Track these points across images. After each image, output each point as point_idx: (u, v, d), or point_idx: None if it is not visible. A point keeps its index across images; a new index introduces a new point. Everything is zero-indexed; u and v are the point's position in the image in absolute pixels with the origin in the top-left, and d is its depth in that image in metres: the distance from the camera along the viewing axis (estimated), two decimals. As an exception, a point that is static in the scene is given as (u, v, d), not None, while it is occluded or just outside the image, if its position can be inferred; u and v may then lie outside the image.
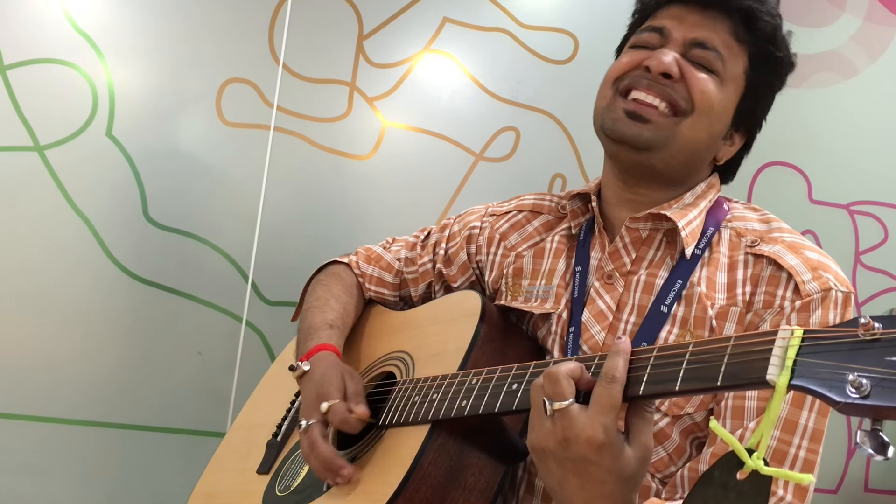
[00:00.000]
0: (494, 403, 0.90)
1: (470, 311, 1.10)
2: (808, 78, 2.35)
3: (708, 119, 1.05)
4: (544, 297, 1.14)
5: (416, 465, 0.94)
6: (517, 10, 2.24)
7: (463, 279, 1.30)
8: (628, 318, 1.05)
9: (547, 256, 1.17)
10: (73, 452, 1.94)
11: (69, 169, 1.95)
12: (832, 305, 0.95)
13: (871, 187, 2.37)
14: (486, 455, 0.99)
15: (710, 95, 1.04)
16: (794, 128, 2.33)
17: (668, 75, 1.04)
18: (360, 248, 1.44)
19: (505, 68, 2.22)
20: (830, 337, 0.61)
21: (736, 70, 1.07)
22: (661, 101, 1.04)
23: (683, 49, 1.06)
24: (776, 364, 0.63)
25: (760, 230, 1.05)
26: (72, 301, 1.95)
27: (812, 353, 0.61)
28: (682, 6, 1.08)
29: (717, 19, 1.06)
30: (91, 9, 1.98)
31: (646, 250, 1.08)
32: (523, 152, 2.22)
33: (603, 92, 1.11)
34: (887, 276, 2.38)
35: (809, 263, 0.98)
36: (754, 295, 0.99)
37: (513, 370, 0.91)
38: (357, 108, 2.14)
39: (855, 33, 2.36)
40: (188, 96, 2.03)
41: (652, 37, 1.09)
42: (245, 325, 2.05)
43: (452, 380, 0.98)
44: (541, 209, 1.25)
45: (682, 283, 1.02)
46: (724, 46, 1.05)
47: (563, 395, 0.75)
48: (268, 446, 1.25)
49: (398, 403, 1.05)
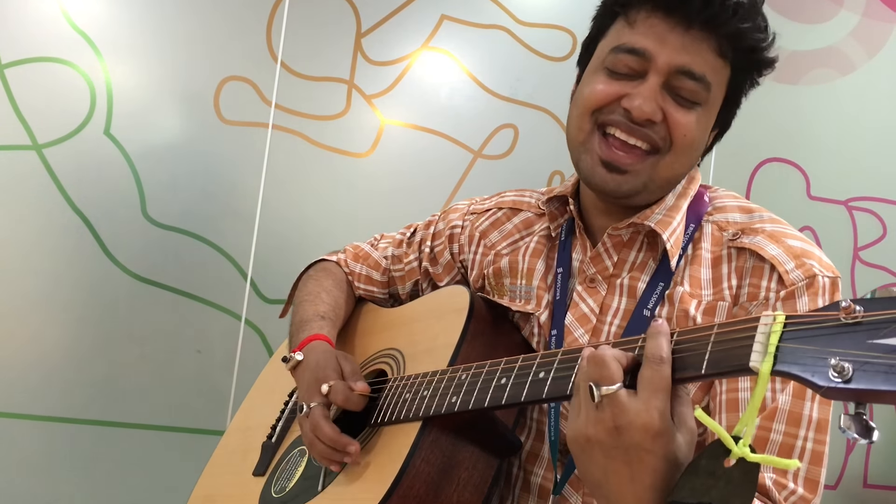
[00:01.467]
0: (484, 399, 0.89)
1: (458, 306, 1.09)
2: (806, 74, 2.35)
3: (686, 155, 1.00)
4: (527, 298, 1.13)
5: (409, 462, 0.94)
6: (515, 7, 2.24)
7: (448, 278, 1.29)
8: (612, 321, 1.04)
9: (525, 255, 1.16)
10: (72, 451, 1.94)
11: (67, 167, 1.95)
12: (820, 292, 0.93)
13: (870, 183, 2.37)
14: (478, 450, 0.99)
15: (691, 135, 0.99)
16: (792, 124, 2.33)
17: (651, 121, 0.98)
18: (348, 245, 1.43)
19: (503, 65, 2.22)
20: (812, 322, 0.60)
21: (721, 86, 1.00)
22: (642, 143, 0.99)
23: (667, 77, 0.97)
24: (759, 350, 0.63)
25: (742, 221, 1.03)
26: (70, 299, 1.95)
27: (794, 339, 0.61)
28: (664, 18, 0.97)
29: (702, 38, 0.97)
30: (89, 7, 1.98)
31: (627, 252, 1.06)
32: (522, 149, 2.22)
33: (579, 122, 1.03)
34: (886, 272, 2.38)
35: (792, 251, 0.96)
36: (740, 288, 0.97)
37: (501, 364, 0.91)
38: (355, 105, 2.14)
39: (853, 29, 2.36)
40: (186, 94, 2.03)
41: (632, 61, 0.99)
42: (244, 324, 2.05)
43: (442, 376, 0.98)
44: (520, 206, 1.24)
45: (665, 285, 1.01)
46: (711, 71, 0.98)
47: (611, 378, 0.70)
48: (263, 448, 1.25)
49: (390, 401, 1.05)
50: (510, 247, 1.20)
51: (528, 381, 0.86)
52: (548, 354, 0.87)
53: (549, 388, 0.83)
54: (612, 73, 1.01)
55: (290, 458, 1.18)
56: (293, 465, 1.16)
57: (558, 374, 0.83)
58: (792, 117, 2.33)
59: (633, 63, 0.99)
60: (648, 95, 0.97)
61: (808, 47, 2.35)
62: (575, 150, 1.05)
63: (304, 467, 1.13)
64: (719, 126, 1.07)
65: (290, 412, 1.27)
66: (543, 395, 0.84)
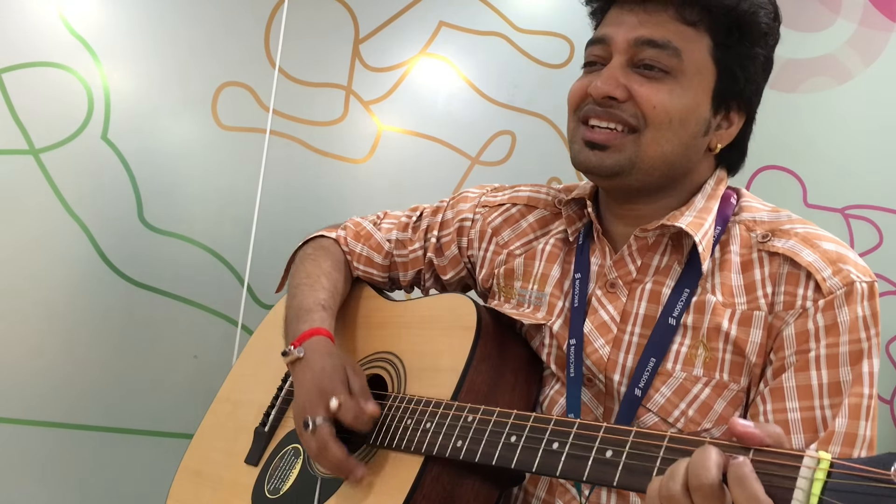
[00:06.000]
0: (492, 454, 0.88)
1: (465, 323, 1.05)
2: (803, 83, 2.35)
3: (669, 129, 0.98)
4: (537, 305, 1.10)
5: (411, 499, 0.93)
6: (513, 14, 2.24)
7: (453, 272, 1.26)
8: (633, 329, 1.00)
9: (540, 259, 1.13)
10: (69, 456, 1.94)
11: (64, 172, 1.95)
12: (858, 299, 0.90)
13: (866, 191, 2.37)
14: (479, 482, 0.98)
15: (663, 106, 0.97)
16: (789, 132, 2.34)
17: (613, 97, 0.98)
18: (349, 221, 1.37)
19: (501, 72, 2.23)
20: (859, 476, 0.56)
21: (699, 56, 0.98)
22: (616, 124, 0.99)
23: (631, 53, 0.98)
24: (800, 499, 0.60)
25: (770, 221, 1.00)
26: (66, 304, 1.95)
27: (839, 491, 0.57)
28: (621, 7, 1.01)
29: (659, 9, 0.98)
30: (87, 12, 1.98)
31: (651, 256, 1.03)
32: (519, 156, 2.22)
33: (568, 123, 1.06)
34: (882, 280, 2.38)
35: (827, 257, 0.93)
36: (775, 295, 0.94)
37: (511, 418, 0.89)
38: (353, 111, 2.14)
39: (850, 38, 2.37)
40: (184, 100, 2.03)
41: (597, 49, 1.02)
42: (241, 329, 2.04)
43: (447, 411, 0.96)
44: (536, 203, 1.20)
45: (691, 292, 0.97)
46: (677, 38, 0.97)
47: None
48: (255, 434, 1.22)
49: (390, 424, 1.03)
50: (524, 247, 1.17)
51: (540, 449, 0.84)
52: (562, 422, 0.85)
53: (563, 465, 0.81)
54: (585, 67, 1.06)
55: (283, 454, 1.17)
56: (287, 465, 1.15)
57: (574, 451, 0.81)
58: (789, 125, 2.33)
59: (599, 51, 1.02)
60: (607, 74, 0.99)
61: (805, 56, 2.35)
62: (570, 148, 1.06)
63: (299, 472, 1.12)
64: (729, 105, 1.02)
65: (285, 401, 1.25)
66: (558, 473, 0.82)
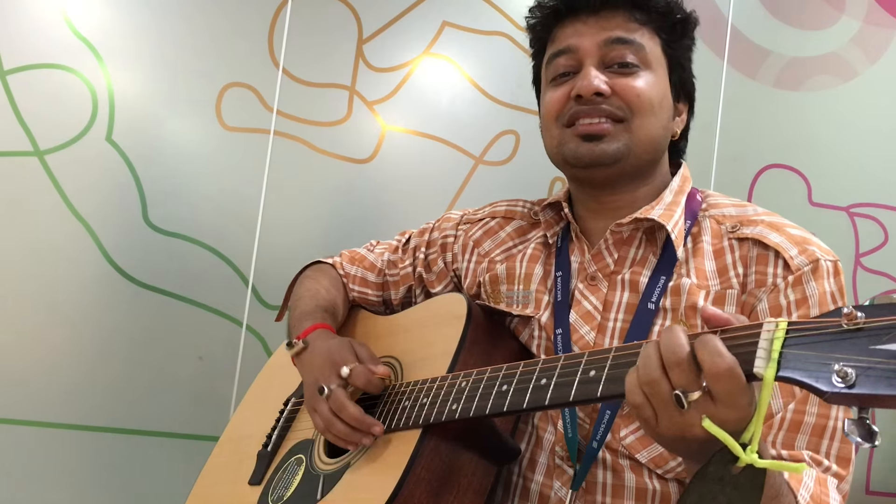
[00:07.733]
0: (485, 406, 0.90)
1: (456, 313, 1.10)
2: (807, 81, 2.35)
3: (652, 114, 1.07)
4: (524, 303, 1.14)
5: (410, 469, 0.94)
6: (517, 13, 2.24)
7: (441, 286, 1.31)
8: (616, 315, 1.05)
9: (521, 262, 1.17)
10: (73, 457, 1.94)
11: (69, 174, 1.95)
12: (825, 275, 0.96)
13: (871, 189, 2.36)
14: (478, 456, 1.00)
15: (645, 94, 1.06)
16: (793, 130, 2.33)
17: (601, 94, 1.05)
18: (343, 251, 1.45)
19: (504, 72, 2.23)
20: (814, 328, 0.61)
21: (656, 50, 1.09)
22: (605, 119, 1.06)
23: (602, 54, 1.07)
24: (763, 357, 0.64)
25: (738, 215, 1.07)
26: (71, 306, 1.95)
27: (797, 345, 0.62)
28: (573, 20, 1.09)
29: (611, 16, 1.07)
30: (91, 13, 1.98)
31: (627, 249, 1.09)
32: (523, 155, 2.22)
33: (550, 133, 1.13)
34: (888, 279, 2.38)
35: (793, 239, 1.00)
36: (747, 276, 1.00)
37: (502, 370, 0.91)
38: (357, 112, 2.14)
39: (854, 36, 2.37)
40: (188, 100, 2.03)
41: (564, 60, 1.09)
42: (245, 330, 2.05)
43: (442, 382, 0.99)
44: (513, 215, 1.26)
45: (667, 278, 1.03)
46: (637, 35, 1.07)
47: (699, 383, 0.68)
48: (258, 457, 1.24)
49: (389, 409, 1.05)
50: (504, 254, 1.22)
51: (529, 387, 0.86)
52: (549, 360, 0.87)
53: (551, 394, 0.83)
54: (556, 80, 1.11)
55: (286, 466, 1.18)
56: (290, 473, 1.15)
57: (561, 379, 0.83)
58: (793, 124, 2.33)
59: (567, 60, 1.09)
60: (589, 74, 1.06)
61: (810, 54, 2.35)
62: (555, 154, 1.13)
63: (302, 476, 1.13)
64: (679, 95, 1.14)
65: (286, 421, 1.27)
66: (546, 402, 0.84)
